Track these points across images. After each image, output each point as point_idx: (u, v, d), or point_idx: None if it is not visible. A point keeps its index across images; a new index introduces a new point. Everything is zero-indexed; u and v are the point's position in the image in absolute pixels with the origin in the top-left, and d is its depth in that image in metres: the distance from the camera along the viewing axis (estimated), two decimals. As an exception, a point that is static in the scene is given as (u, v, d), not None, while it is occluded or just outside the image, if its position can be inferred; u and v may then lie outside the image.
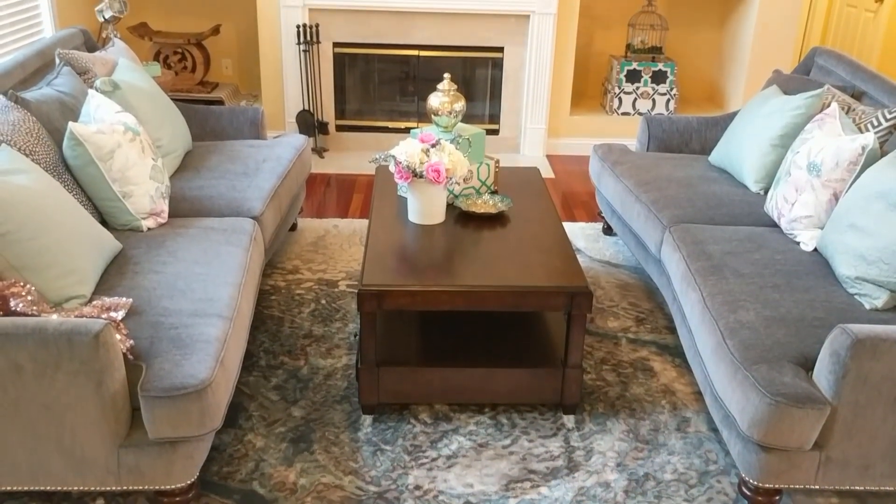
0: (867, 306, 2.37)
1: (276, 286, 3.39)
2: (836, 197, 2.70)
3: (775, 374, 2.09)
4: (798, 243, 2.78)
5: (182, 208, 2.96)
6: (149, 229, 2.75)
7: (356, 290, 3.22)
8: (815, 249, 2.72)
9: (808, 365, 2.14)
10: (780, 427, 2.03)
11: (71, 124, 2.60)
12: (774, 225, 2.96)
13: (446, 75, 3.10)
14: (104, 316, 2.11)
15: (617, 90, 5.25)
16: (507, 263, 2.60)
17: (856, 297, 2.41)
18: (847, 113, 3.06)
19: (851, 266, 2.43)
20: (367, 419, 2.59)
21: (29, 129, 2.55)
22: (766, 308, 2.35)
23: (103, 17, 4.20)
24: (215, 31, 5.14)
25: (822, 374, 2.04)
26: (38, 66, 3.15)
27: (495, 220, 2.94)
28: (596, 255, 3.78)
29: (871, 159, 2.64)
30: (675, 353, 3.01)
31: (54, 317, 2.00)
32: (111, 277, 2.39)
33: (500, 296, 2.47)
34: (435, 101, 3.04)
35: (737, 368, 2.16)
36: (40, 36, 4.35)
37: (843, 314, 2.32)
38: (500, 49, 5.00)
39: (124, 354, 1.99)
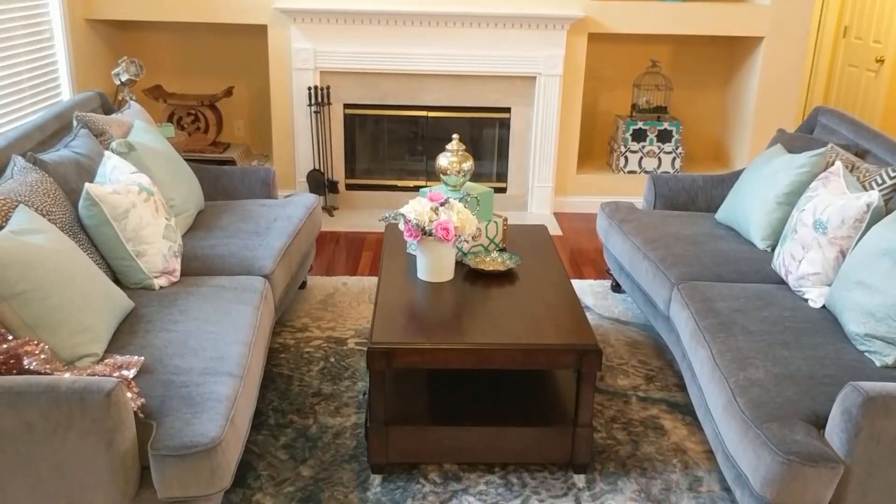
0: (878, 363, 2.36)
1: (286, 344, 3.40)
2: (843, 254, 2.72)
3: (787, 432, 2.08)
4: (806, 300, 2.79)
5: (194, 267, 2.99)
6: (161, 288, 2.78)
7: (365, 348, 3.23)
8: (824, 306, 2.72)
9: (819, 423, 2.13)
10: (793, 486, 2.01)
11: (87, 185, 2.66)
12: (782, 282, 2.97)
13: (454, 136, 3.16)
14: (116, 374, 2.13)
15: (623, 149, 5.32)
16: (516, 321, 2.61)
17: (866, 354, 2.41)
18: (851, 171, 3.09)
19: (860, 323, 2.43)
20: (377, 479, 2.57)
21: (46, 190, 2.60)
22: (775, 365, 2.35)
23: (119, 80, 4.31)
24: (228, 92, 5.25)
25: (835, 433, 2.03)
26: (57, 129, 3.22)
27: (504, 277, 2.95)
28: (605, 312, 3.79)
29: (877, 217, 2.67)
30: (686, 411, 2.99)
31: (67, 375, 2.01)
32: (123, 336, 2.41)
33: (509, 354, 2.47)
34: (444, 160, 3.09)
35: (748, 427, 2.15)
36: (59, 99, 4.46)
37: (854, 371, 2.31)
38: (508, 110, 5.09)
39: (135, 413, 2.00)
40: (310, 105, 4.93)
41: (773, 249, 3.22)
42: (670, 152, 5.33)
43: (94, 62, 4.89)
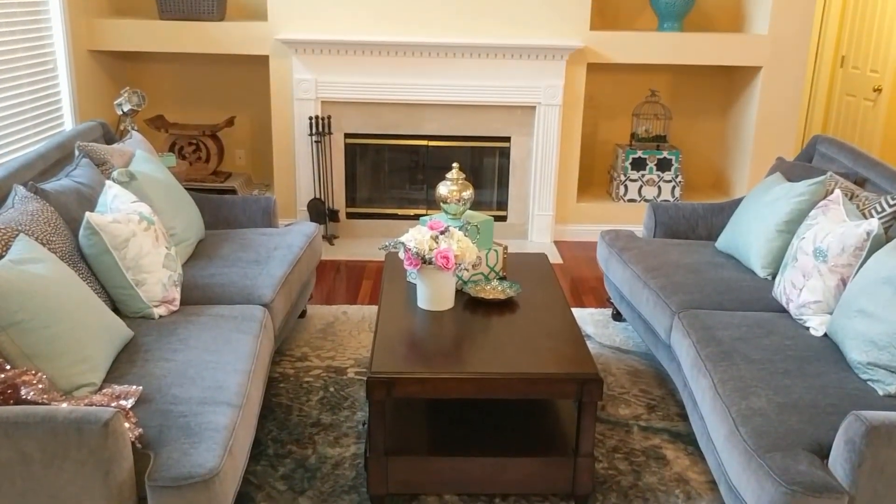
0: (880, 392, 2.35)
1: (285, 373, 3.39)
2: (844, 282, 2.71)
3: (790, 462, 2.06)
4: (808, 328, 2.78)
5: (194, 296, 2.99)
6: (160, 317, 2.77)
7: (365, 378, 3.21)
8: (826, 335, 2.71)
9: (822, 452, 2.11)
10: (797, 517, 1.98)
11: (88, 214, 2.66)
12: (783, 310, 2.96)
13: (455, 165, 3.17)
14: (114, 404, 2.12)
15: (623, 178, 5.34)
16: (516, 350, 2.60)
17: (868, 382, 2.40)
18: (850, 199, 3.10)
19: (862, 351, 2.42)
20: (376, 510, 2.55)
21: (47, 219, 2.60)
22: (777, 394, 2.33)
23: (122, 111, 4.34)
24: (230, 122, 5.28)
25: (838, 463, 2.01)
26: (59, 158, 3.24)
27: (504, 306, 2.95)
28: (605, 341, 3.78)
29: (877, 245, 2.67)
30: (688, 440, 2.97)
31: (64, 405, 2.00)
32: (122, 365, 2.40)
33: (509, 383, 2.46)
34: (444, 189, 3.10)
35: (750, 457, 2.13)
36: (62, 129, 4.48)
37: (857, 400, 2.30)
38: (508, 139, 5.12)
39: (133, 443, 1.99)
40: (311, 134, 4.96)
41: (773, 277, 3.22)
42: (670, 181, 5.35)
43: (97, 92, 4.92)
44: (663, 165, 5.32)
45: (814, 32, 6.48)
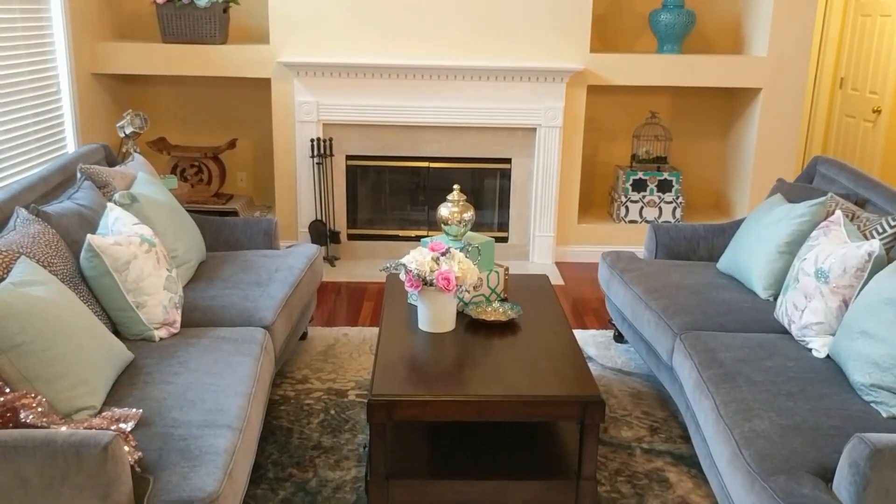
0: (884, 414, 2.34)
1: (286, 396, 3.37)
2: (846, 303, 2.70)
3: (794, 485, 2.04)
4: (810, 350, 2.77)
5: (195, 318, 2.98)
6: (161, 339, 2.77)
7: (366, 400, 3.20)
8: (828, 356, 2.70)
9: (826, 475, 2.09)
10: (802, 541, 1.96)
11: (89, 236, 2.67)
12: (785, 331, 2.95)
13: (455, 186, 3.18)
14: (113, 427, 2.11)
15: (623, 199, 5.35)
16: (518, 372, 2.59)
17: (872, 404, 2.38)
18: (851, 220, 3.10)
19: (866, 373, 2.41)
20: (377, 534, 2.52)
21: (48, 242, 2.61)
22: (780, 416, 2.32)
23: (124, 133, 4.36)
24: (231, 144, 5.30)
25: (843, 486, 2.00)
26: (61, 181, 3.25)
27: (505, 327, 2.94)
28: (607, 362, 3.76)
29: (878, 266, 2.66)
30: (691, 462, 2.95)
31: (63, 429, 1.99)
32: (122, 388, 2.39)
33: (511, 406, 2.44)
34: (445, 211, 3.11)
35: (754, 480, 2.11)
36: (64, 151, 4.50)
37: (860, 422, 2.28)
38: (508, 160, 5.13)
39: (132, 467, 1.97)
40: (312, 156, 4.98)
41: (775, 299, 3.21)
42: (671, 202, 5.35)
43: (100, 115, 4.95)
44: (664, 187, 5.33)
45: (813, 54, 6.52)
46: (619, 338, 3.99)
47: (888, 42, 5.79)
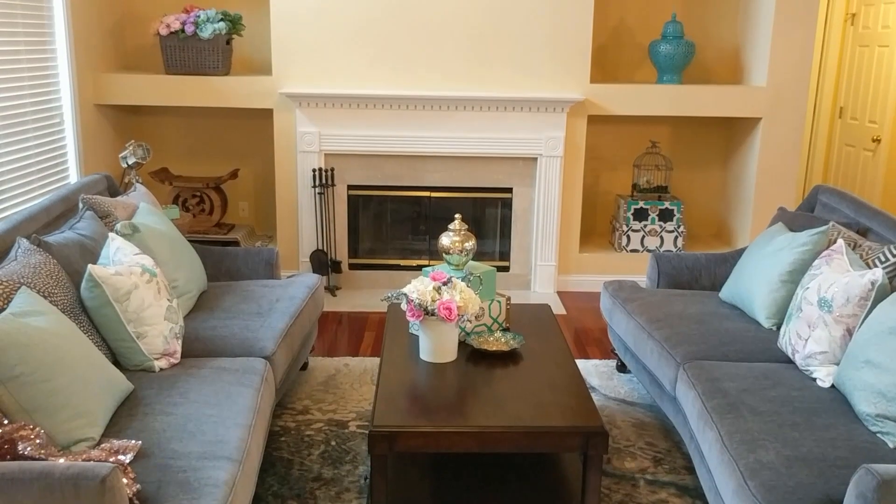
0: (890, 444, 2.31)
1: (286, 427, 3.35)
2: (850, 332, 2.69)
3: (801, 517, 2.01)
4: (815, 380, 2.75)
5: (195, 348, 2.97)
6: (161, 370, 2.75)
7: (367, 432, 3.17)
8: (833, 386, 2.68)
9: (834, 508, 2.07)
10: (809, 575, 1.93)
11: (90, 266, 2.66)
12: (789, 361, 2.93)
13: (457, 215, 3.18)
14: (112, 459, 2.08)
15: (625, 228, 5.35)
16: (520, 403, 2.57)
17: (878, 435, 2.36)
18: (853, 249, 3.09)
19: (871, 403, 2.39)
20: (378, 568, 2.49)
21: (49, 272, 2.60)
22: (786, 447, 2.29)
23: (126, 163, 4.37)
24: (233, 175, 5.32)
25: (850, 518, 1.97)
26: (63, 211, 3.25)
27: (508, 357, 2.92)
28: (610, 393, 3.74)
29: (882, 294, 2.65)
30: (696, 494, 2.91)
31: (61, 461, 1.97)
32: (121, 419, 2.37)
33: (513, 437, 2.42)
34: (446, 240, 3.11)
35: (760, 512, 2.08)
36: (67, 181, 4.52)
37: (867, 453, 2.26)
38: (509, 190, 5.15)
39: (130, 499, 1.95)
40: (314, 186, 4.99)
41: (778, 328, 3.20)
42: (672, 231, 5.35)
43: (102, 145, 4.97)
44: (665, 216, 5.34)
45: (812, 84, 6.56)
46: (621, 368, 3.97)
47: (886, 72, 5.83)
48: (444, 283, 2.80)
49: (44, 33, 4.26)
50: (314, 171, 4.96)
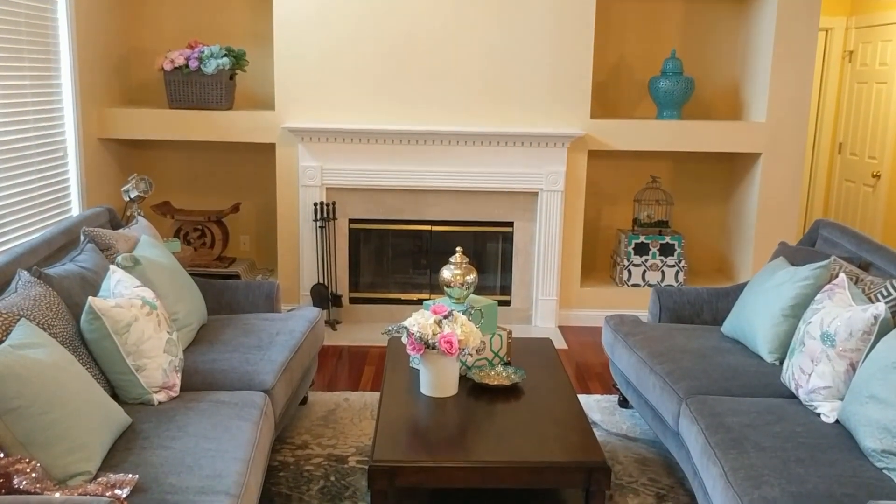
0: (897, 481, 2.28)
1: (285, 462, 3.31)
2: (853, 367, 2.67)
3: (807, 555, 1.98)
4: (819, 415, 2.72)
5: (194, 381, 2.95)
6: (160, 403, 2.73)
7: (367, 467, 3.13)
8: (837, 421, 2.65)
9: (841, 546, 2.03)
10: None
11: (90, 298, 2.66)
12: (792, 396, 2.91)
13: (458, 249, 3.18)
14: (108, 494, 2.06)
15: (626, 262, 5.35)
16: (521, 438, 2.54)
17: (884, 471, 2.33)
18: (856, 283, 3.08)
19: (876, 439, 2.36)
20: None
21: (49, 304, 2.60)
22: (791, 484, 2.27)
23: (129, 197, 4.39)
24: (235, 208, 5.34)
25: (857, 556, 1.94)
26: (64, 243, 3.25)
27: (509, 392, 2.90)
28: (612, 428, 3.70)
29: (885, 329, 2.64)
30: (700, 532, 2.87)
31: (57, 495, 1.95)
32: (119, 452, 2.35)
33: (515, 472, 2.40)
34: (447, 273, 3.10)
35: (766, 549, 2.05)
36: (69, 215, 4.52)
37: (873, 489, 2.23)
38: (510, 224, 5.15)
39: (126, 535, 1.92)
40: (315, 220, 5.00)
41: (781, 363, 3.18)
42: (673, 266, 5.35)
43: (105, 179, 4.99)
44: (666, 250, 5.34)
45: (811, 120, 6.60)
46: (623, 403, 3.94)
47: (885, 108, 5.87)
48: (445, 317, 2.79)
49: (49, 68, 4.30)
50: (316, 204, 4.98)
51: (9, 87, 3.90)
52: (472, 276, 3.10)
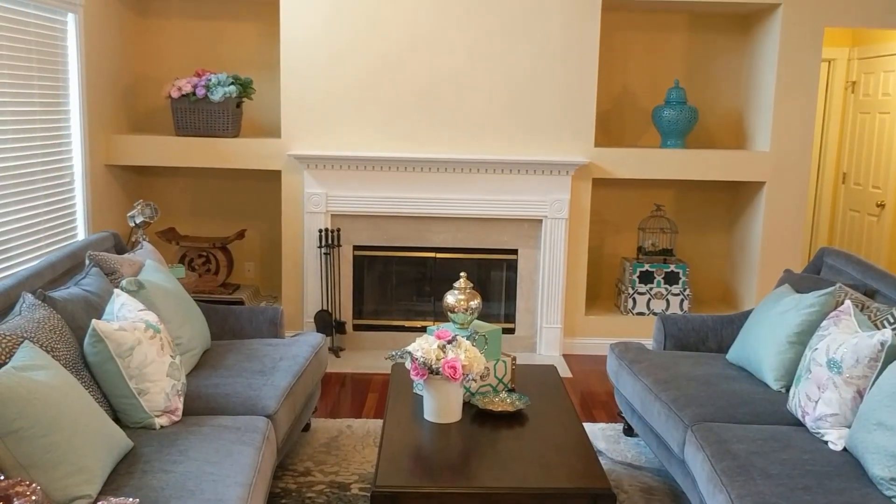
0: (906, 510, 2.25)
1: (287, 489, 3.28)
2: (861, 394, 2.65)
3: (816, 584, 1.95)
4: (826, 442, 2.69)
5: (197, 406, 2.94)
6: (162, 427, 2.72)
7: (369, 493, 3.10)
8: (845, 448, 2.63)
9: (850, 574, 2.00)
10: None
11: (94, 321, 2.65)
12: (799, 423, 2.88)
13: (462, 274, 3.17)
14: (109, 517, 2.04)
15: (631, 291, 5.34)
16: (526, 464, 2.52)
17: (892, 499, 2.30)
18: (861, 310, 3.07)
19: (885, 467, 2.34)
20: None
21: (53, 327, 2.60)
22: (799, 512, 2.24)
23: (134, 223, 4.40)
24: (240, 235, 5.35)
25: (867, 585, 1.91)
26: (69, 267, 3.26)
27: (513, 418, 2.88)
28: (617, 456, 3.67)
29: (892, 355, 2.62)
30: (707, 562, 2.83)
31: (57, 518, 1.93)
32: (120, 476, 2.33)
33: (519, 499, 2.37)
34: (451, 298, 3.09)
35: (774, 578, 2.02)
36: (75, 239, 4.54)
37: (882, 518, 2.20)
38: (514, 251, 5.15)
39: (126, 559, 1.90)
40: (320, 247, 5.01)
41: (787, 390, 3.15)
42: (678, 294, 5.34)
43: (111, 205, 5.02)
44: (671, 279, 5.33)
45: (815, 150, 6.62)
46: (628, 431, 3.90)
47: (888, 138, 5.89)
48: (449, 342, 2.78)
49: (58, 95, 4.34)
50: (320, 231, 4.99)
51: (18, 112, 3.94)
52: (476, 302, 3.10)
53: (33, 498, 1.98)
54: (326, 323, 5.02)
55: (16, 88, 3.91)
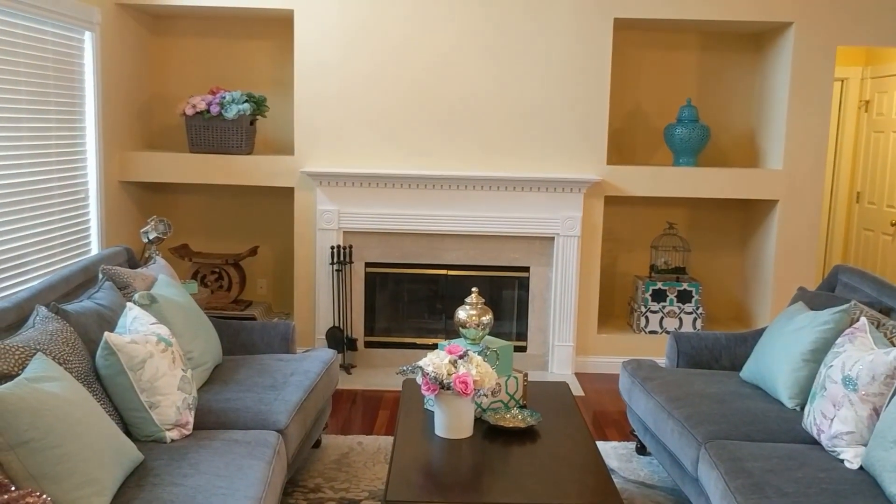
0: (925, 529, 2.22)
1: (297, 505, 3.27)
2: (877, 411, 2.62)
3: None
4: (842, 461, 2.66)
5: (208, 420, 2.93)
6: (172, 441, 2.71)
7: (380, 510, 3.09)
8: (861, 467, 2.59)
9: None
10: None
11: (106, 334, 2.66)
12: (814, 442, 2.85)
13: (474, 289, 3.17)
14: (118, 529, 2.03)
15: (643, 309, 5.31)
16: (537, 481, 2.50)
17: (911, 519, 2.27)
18: (877, 327, 3.04)
19: (902, 485, 2.30)
20: None
21: (66, 339, 2.61)
22: (815, 530, 2.20)
23: (147, 238, 4.43)
24: (253, 252, 5.36)
25: None
26: (82, 281, 3.28)
27: (524, 435, 2.86)
28: (630, 475, 3.63)
29: (908, 373, 2.59)
30: (721, 583, 2.78)
31: (67, 529, 1.93)
32: (130, 489, 2.33)
33: (530, 514, 2.35)
34: (463, 314, 3.09)
35: None
36: (89, 254, 4.56)
37: (900, 538, 2.17)
38: (526, 269, 5.14)
39: (135, 571, 1.89)
40: (332, 264, 5.02)
41: (802, 408, 3.12)
42: (691, 312, 5.30)
43: (125, 221, 5.05)
44: (684, 297, 5.30)
45: (828, 168, 6.59)
46: (641, 450, 3.87)
47: (902, 157, 5.86)
48: (461, 357, 2.77)
49: (74, 112, 4.39)
50: (332, 248, 5.00)
51: (35, 129, 3.98)
52: (487, 317, 3.09)
53: (43, 509, 1.98)
54: (338, 340, 5.01)
55: (33, 105, 3.95)
